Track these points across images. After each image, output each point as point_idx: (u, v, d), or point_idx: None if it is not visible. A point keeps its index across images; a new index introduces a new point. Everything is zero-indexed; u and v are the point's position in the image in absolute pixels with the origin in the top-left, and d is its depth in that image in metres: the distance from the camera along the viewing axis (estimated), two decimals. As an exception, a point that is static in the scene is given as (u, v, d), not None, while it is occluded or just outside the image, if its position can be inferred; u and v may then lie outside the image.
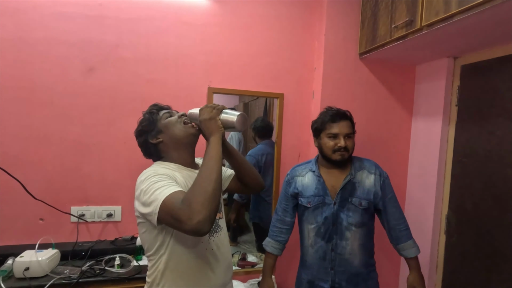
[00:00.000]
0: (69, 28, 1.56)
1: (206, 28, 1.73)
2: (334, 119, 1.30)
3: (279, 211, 1.43)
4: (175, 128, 1.01)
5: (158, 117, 1.04)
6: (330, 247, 1.32)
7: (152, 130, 1.03)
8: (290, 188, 1.39)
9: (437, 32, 1.31)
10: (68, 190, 1.61)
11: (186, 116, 1.04)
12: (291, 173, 1.42)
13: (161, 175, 0.89)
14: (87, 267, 1.38)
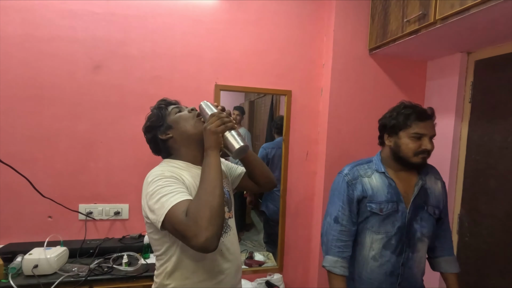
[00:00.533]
0: (76, 26, 1.55)
1: (213, 25, 1.71)
2: (422, 117, 1.11)
3: (343, 220, 1.15)
4: (186, 124, 0.98)
5: (167, 112, 1.00)
6: (401, 261, 1.14)
7: (161, 126, 0.99)
8: (356, 190, 1.15)
9: (451, 26, 1.27)
10: (76, 188, 1.61)
11: (197, 111, 1.01)
12: (352, 173, 1.18)
13: (168, 178, 0.86)
14: (95, 265, 1.38)
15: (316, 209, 1.90)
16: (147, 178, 0.89)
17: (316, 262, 1.86)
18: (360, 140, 1.83)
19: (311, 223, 1.94)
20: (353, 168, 1.20)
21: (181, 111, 1.02)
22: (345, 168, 1.23)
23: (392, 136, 1.16)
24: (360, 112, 1.82)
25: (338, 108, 1.79)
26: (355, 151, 1.83)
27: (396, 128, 1.14)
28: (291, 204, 1.90)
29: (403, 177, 1.17)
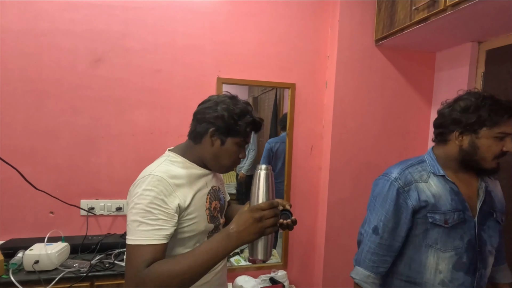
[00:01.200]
0: (75, 18, 1.52)
1: (215, 17, 1.67)
2: (510, 112, 0.91)
3: (384, 232, 0.96)
4: (227, 158, 0.91)
5: (237, 128, 0.89)
6: (474, 283, 0.94)
7: (219, 131, 0.89)
8: (411, 199, 0.94)
9: (462, 13, 1.22)
10: (77, 183, 1.59)
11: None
12: (404, 178, 0.96)
13: (155, 202, 0.77)
14: (97, 260, 1.36)
15: (321, 205, 1.86)
16: (139, 182, 0.82)
17: (321, 259, 1.83)
18: (367, 134, 1.78)
19: (316, 219, 1.90)
20: (405, 171, 0.97)
21: (242, 145, 0.93)
22: (392, 170, 0.99)
23: (467, 134, 0.94)
24: (366, 105, 1.77)
25: (343, 102, 1.74)
26: (361, 146, 1.78)
27: (476, 125, 0.91)
28: (295, 200, 1.86)
29: (464, 179, 0.98)
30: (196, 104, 1.66)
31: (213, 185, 0.97)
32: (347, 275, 1.86)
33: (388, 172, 1.01)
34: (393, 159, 1.83)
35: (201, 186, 0.91)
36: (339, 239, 1.81)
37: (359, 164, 1.79)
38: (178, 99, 1.66)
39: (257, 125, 0.93)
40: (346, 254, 1.83)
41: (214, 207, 0.95)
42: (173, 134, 1.67)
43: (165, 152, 0.98)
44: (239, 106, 0.90)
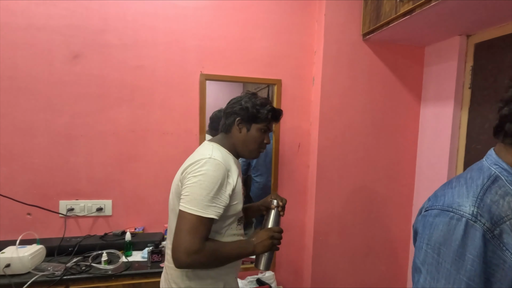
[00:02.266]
0: (52, 13, 1.48)
1: (198, 11, 1.62)
2: None
3: None
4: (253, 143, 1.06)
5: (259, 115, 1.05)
6: None
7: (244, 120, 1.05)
8: (510, 251, 0.50)
9: (448, 4, 1.18)
10: (55, 183, 1.54)
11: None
12: (487, 212, 0.52)
13: (218, 183, 0.91)
14: (73, 263, 1.31)
15: (309, 204, 1.82)
16: (203, 163, 0.92)
17: (309, 260, 1.79)
18: (355, 131, 1.74)
19: (304, 219, 1.86)
20: (485, 200, 0.54)
21: (265, 131, 1.08)
22: (459, 198, 0.57)
23: None
24: (354, 101, 1.73)
25: (331, 98, 1.70)
26: (349, 143, 1.74)
27: None
28: (283, 199, 1.82)
29: None
30: (179, 101, 1.64)
31: (240, 172, 1.10)
32: (336, 275, 1.83)
33: (452, 204, 0.56)
34: (382, 155, 1.80)
35: (239, 172, 1.05)
36: (328, 238, 1.77)
37: (347, 161, 1.75)
38: (160, 96, 1.62)
39: (277, 113, 1.09)
40: (335, 253, 1.79)
41: (243, 191, 1.07)
42: (155, 132, 1.63)
43: (203, 143, 1.09)
44: (259, 98, 1.08)
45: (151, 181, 1.64)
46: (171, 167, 1.65)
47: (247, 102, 1.05)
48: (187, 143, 1.66)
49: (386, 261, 1.88)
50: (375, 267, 1.87)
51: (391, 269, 1.89)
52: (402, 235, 1.89)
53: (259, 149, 1.09)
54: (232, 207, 0.99)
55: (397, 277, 1.91)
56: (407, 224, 1.89)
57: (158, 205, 1.65)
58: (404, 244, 1.89)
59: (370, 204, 1.82)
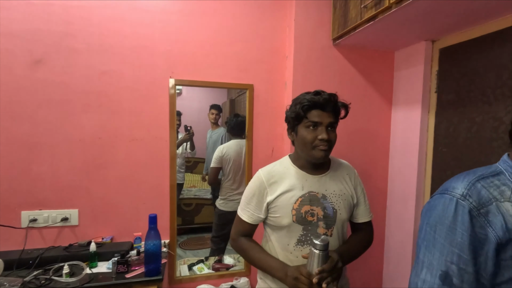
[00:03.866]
0: (12, 17, 1.43)
1: (165, 15, 1.60)
2: None
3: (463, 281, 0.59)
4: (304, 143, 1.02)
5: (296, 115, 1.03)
6: None
7: (291, 127, 1.08)
8: (492, 226, 0.58)
9: (408, 9, 1.20)
10: (17, 193, 1.48)
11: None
12: (476, 194, 0.61)
13: (252, 193, 1.08)
14: (32, 277, 1.26)
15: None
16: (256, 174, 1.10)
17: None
18: (326, 134, 1.75)
19: (279, 223, 1.85)
20: (476, 185, 0.62)
21: (312, 126, 1.01)
22: (453, 184, 0.65)
23: None
24: (325, 106, 1.73)
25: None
26: (321, 146, 1.74)
27: None
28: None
29: None
30: (148, 106, 1.61)
31: (312, 190, 1.04)
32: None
33: (448, 188, 0.65)
34: (355, 159, 1.80)
35: (291, 185, 1.03)
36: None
37: (320, 165, 1.75)
38: (128, 102, 1.58)
39: (314, 101, 0.99)
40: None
41: (306, 210, 1.02)
42: (123, 138, 1.59)
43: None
44: (298, 97, 1.05)
45: (120, 188, 1.60)
46: (140, 173, 1.62)
47: (286, 111, 1.09)
48: (156, 150, 1.63)
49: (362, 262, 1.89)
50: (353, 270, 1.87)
51: (368, 269, 1.90)
52: (377, 237, 1.89)
53: (317, 147, 0.99)
54: (276, 220, 1.03)
55: (373, 276, 1.92)
56: (381, 228, 1.90)
57: (127, 213, 1.61)
58: (378, 248, 1.90)
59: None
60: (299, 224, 1.01)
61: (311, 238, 1.00)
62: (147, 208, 1.63)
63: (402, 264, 1.76)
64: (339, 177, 1.11)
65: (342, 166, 1.16)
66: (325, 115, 1.00)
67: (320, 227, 1.03)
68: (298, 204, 1.02)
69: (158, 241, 1.33)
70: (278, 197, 1.02)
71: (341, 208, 1.06)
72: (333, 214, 1.04)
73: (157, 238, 1.33)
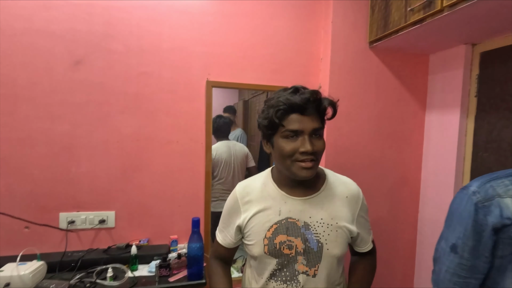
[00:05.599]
0: (54, 18, 1.42)
1: (203, 17, 1.59)
2: None
3: (464, 251, 0.83)
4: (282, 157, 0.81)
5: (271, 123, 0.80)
6: None
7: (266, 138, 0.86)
8: (490, 215, 0.81)
9: (459, 13, 1.18)
10: (56, 195, 1.47)
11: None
12: (484, 192, 0.82)
13: (225, 212, 0.96)
14: (76, 280, 1.25)
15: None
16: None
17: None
18: (361, 137, 1.74)
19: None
20: (486, 185, 0.83)
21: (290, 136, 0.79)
22: (472, 183, 0.86)
23: None
24: (361, 108, 1.72)
25: (338, 105, 1.68)
26: (355, 149, 1.73)
27: None
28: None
29: None
30: (184, 108, 1.60)
31: (291, 217, 0.83)
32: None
33: (467, 185, 0.86)
34: (387, 162, 1.80)
35: (266, 208, 0.85)
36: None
37: (354, 167, 1.74)
38: (165, 104, 1.57)
39: (288, 103, 0.76)
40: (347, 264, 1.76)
41: (281, 241, 0.82)
42: (161, 141, 1.58)
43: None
44: (271, 99, 0.82)
45: (156, 191, 1.59)
46: (176, 176, 1.61)
47: (259, 115, 0.85)
48: (193, 152, 1.62)
49: (393, 267, 1.88)
50: (383, 277, 1.86)
51: (398, 275, 1.89)
52: (408, 241, 1.88)
53: (299, 163, 0.79)
54: (248, 247, 0.87)
55: (404, 285, 1.90)
56: (413, 231, 1.89)
57: (163, 216, 1.60)
58: (410, 250, 1.89)
59: (376, 211, 1.81)
60: (272, 257, 0.83)
61: (287, 275, 0.83)
62: (182, 211, 1.62)
63: (436, 269, 1.74)
64: (334, 201, 0.88)
65: (341, 185, 0.92)
66: (307, 119, 0.78)
67: (299, 262, 0.83)
68: (272, 232, 0.83)
69: (201, 244, 1.32)
70: (250, 220, 0.85)
71: (331, 241, 0.84)
72: (318, 248, 0.83)
73: (200, 241, 1.32)
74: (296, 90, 0.80)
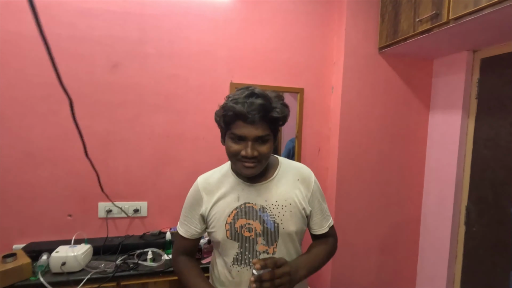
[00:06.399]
0: (93, 25, 1.56)
1: (228, 24, 1.73)
2: None
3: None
4: (228, 154, 0.88)
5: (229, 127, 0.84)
6: None
7: (222, 133, 0.91)
8: None
9: (464, 25, 1.33)
10: (95, 187, 1.60)
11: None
12: None
13: (186, 203, 0.98)
14: (121, 261, 1.40)
15: (329, 202, 1.94)
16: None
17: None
18: (370, 136, 1.89)
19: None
20: None
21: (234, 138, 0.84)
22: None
23: None
24: (371, 109, 1.87)
25: (350, 105, 1.84)
26: (365, 147, 1.88)
27: None
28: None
29: None
30: (210, 108, 1.74)
31: (249, 202, 0.89)
32: (354, 272, 1.96)
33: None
34: (394, 157, 1.95)
35: (225, 195, 0.90)
36: (346, 237, 1.90)
37: (364, 164, 1.90)
38: (193, 103, 1.72)
39: (234, 111, 0.79)
40: (353, 251, 1.92)
41: (241, 224, 0.88)
42: (188, 137, 1.73)
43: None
44: (229, 98, 0.86)
45: (184, 183, 1.72)
46: (202, 170, 1.74)
47: (216, 111, 0.90)
48: (217, 147, 1.76)
49: (397, 258, 2.04)
50: (388, 264, 2.02)
51: (402, 266, 2.05)
52: (412, 233, 2.04)
53: (241, 162, 0.84)
54: (211, 234, 0.92)
55: (407, 273, 2.07)
56: (416, 223, 2.05)
57: (190, 206, 1.75)
58: (413, 241, 2.05)
59: (383, 204, 1.97)
60: (233, 240, 0.88)
61: (248, 257, 0.88)
62: (207, 202, 1.77)
63: (438, 261, 1.90)
64: (286, 184, 0.93)
65: (293, 171, 0.97)
66: (250, 128, 0.80)
67: (259, 243, 0.88)
68: (232, 217, 0.88)
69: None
70: (212, 208, 0.90)
71: (286, 220, 0.89)
72: (274, 228, 0.88)
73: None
74: (251, 94, 0.82)
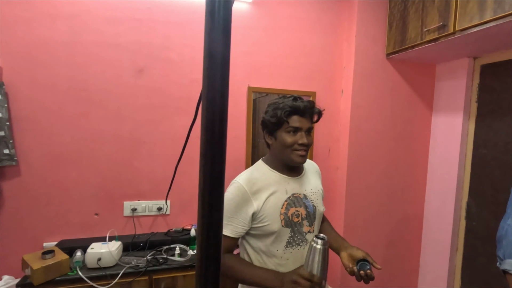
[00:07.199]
0: (120, 31, 1.63)
1: (246, 31, 1.83)
2: None
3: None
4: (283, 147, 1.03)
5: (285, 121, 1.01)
6: None
7: (270, 132, 1.06)
8: None
9: (468, 36, 1.45)
10: (120, 186, 1.69)
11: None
12: None
13: (232, 203, 0.99)
14: (151, 256, 1.48)
15: (338, 201, 2.06)
16: (230, 184, 1.05)
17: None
18: (378, 135, 2.01)
19: (333, 215, 2.10)
20: None
21: (292, 131, 1.01)
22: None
23: None
24: (379, 111, 1.99)
25: (359, 108, 1.95)
26: (373, 147, 2.00)
27: None
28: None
29: None
30: (230, 111, 1.86)
31: (295, 192, 1.06)
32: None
33: None
34: (399, 156, 2.08)
35: (275, 191, 1.03)
36: (355, 233, 2.02)
37: (372, 164, 2.01)
38: (213, 107, 1.80)
39: (295, 108, 1.00)
40: (361, 246, 2.03)
41: (292, 213, 1.03)
42: (208, 139, 1.81)
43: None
44: (275, 103, 1.04)
45: (204, 182, 1.82)
46: (222, 170, 1.84)
47: (264, 114, 1.07)
48: (236, 148, 1.86)
49: (402, 251, 2.16)
50: (393, 257, 2.15)
51: (406, 258, 2.18)
52: (415, 228, 2.17)
53: (296, 151, 1.02)
54: (264, 228, 1.01)
55: (410, 265, 2.20)
56: (420, 218, 2.18)
57: (210, 204, 1.84)
58: (416, 235, 2.18)
59: (389, 200, 2.09)
60: (287, 227, 1.02)
61: (298, 238, 1.04)
62: (226, 200, 1.86)
63: (440, 253, 2.03)
64: (312, 175, 1.17)
65: (310, 166, 1.22)
66: (304, 120, 1.02)
67: (304, 225, 1.06)
68: (285, 208, 1.03)
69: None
70: (264, 204, 1.00)
71: (319, 203, 1.12)
72: (313, 211, 1.09)
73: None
74: (296, 98, 1.04)
